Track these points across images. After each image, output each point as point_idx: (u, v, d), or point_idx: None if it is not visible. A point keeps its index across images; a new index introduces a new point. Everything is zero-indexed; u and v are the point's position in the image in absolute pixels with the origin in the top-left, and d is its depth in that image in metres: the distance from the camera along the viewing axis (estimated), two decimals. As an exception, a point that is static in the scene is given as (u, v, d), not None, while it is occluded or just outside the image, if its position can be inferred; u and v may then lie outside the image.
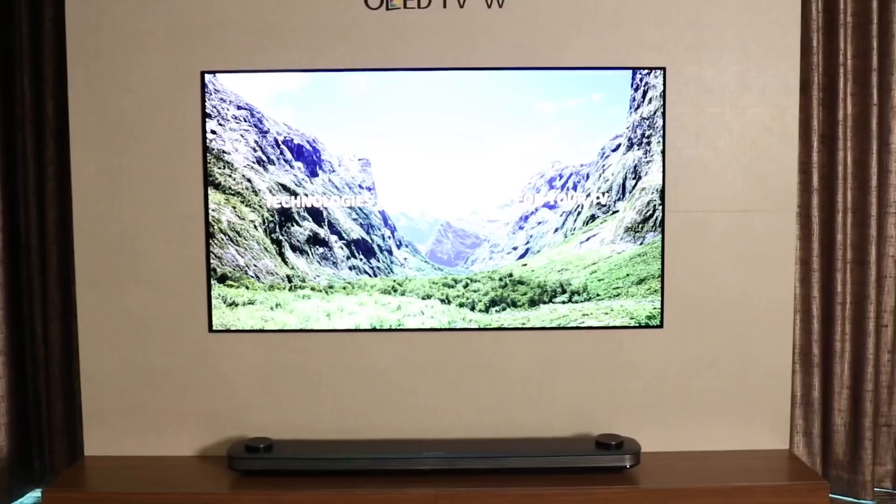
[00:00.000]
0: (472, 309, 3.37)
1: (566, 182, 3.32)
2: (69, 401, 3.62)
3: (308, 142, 3.30)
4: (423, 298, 3.37)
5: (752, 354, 3.39)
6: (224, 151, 3.29)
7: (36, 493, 3.64)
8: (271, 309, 3.33)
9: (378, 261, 3.38)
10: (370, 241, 3.37)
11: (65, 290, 3.58)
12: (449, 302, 3.37)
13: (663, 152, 3.29)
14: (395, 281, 3.38)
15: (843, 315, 3.56)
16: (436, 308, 3.37)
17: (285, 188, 3.33)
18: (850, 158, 3.53)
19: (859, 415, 3.55)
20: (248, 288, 3.33)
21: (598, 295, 3.35)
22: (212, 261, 3.31)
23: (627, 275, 3.34)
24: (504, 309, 3.36)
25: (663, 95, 3.27)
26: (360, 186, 3.33)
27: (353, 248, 3.37)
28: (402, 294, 3.37)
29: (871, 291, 3.52)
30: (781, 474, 3.24)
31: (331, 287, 3.36)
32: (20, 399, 3.63)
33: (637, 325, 3.34)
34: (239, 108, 3.28)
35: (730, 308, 3.37)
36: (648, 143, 3.30)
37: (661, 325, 3.35)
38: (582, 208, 3.35)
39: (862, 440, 3.54)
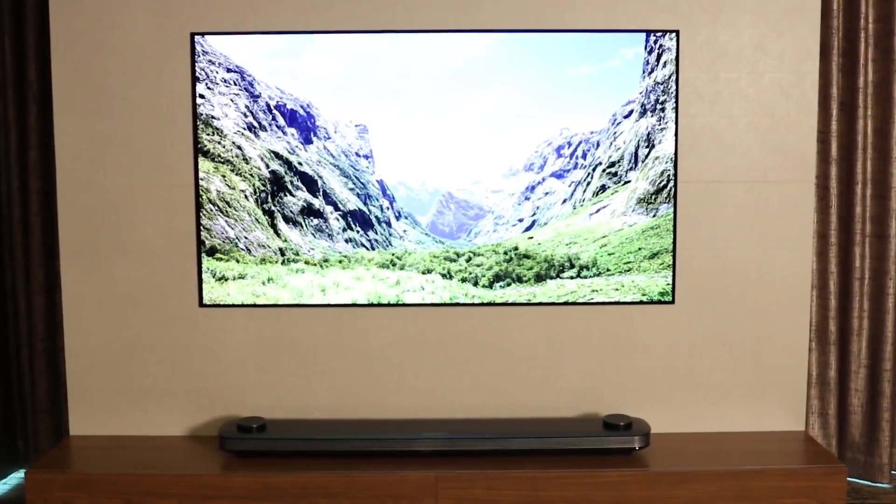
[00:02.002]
0: (476, 284, 3.27)
1: (575, 150, 3.22)
2: (54, 379, 3.61)
3: (302, 107, 3.18)
4: (424, 273, 3.28)
5: (767, 332, 3.32)
6: (213, 117, 3.17)
7: (20, 474, 3.62)
8: (263, 283, 3.24)
9: (376, 233, 3.28)
10: (367, 213, 3.27)
11: (48, 263, 3.55)
12: (451, 277, 3.26)
13: (676, 120, 3.18)
14: (393, 254, 3.27)
15: (862, 291, 3.51)
16: (437, 283, 3.27)
17: (278, 156, 3.21)
18: (871, 127, 3.48)
19: (877, 395, 3.51)
20: (238, 261, 3.23)
21: (608, 270, 3.25)
22: (200, 232, 3.20)
23: (639, 249, 3.23)
24: (509, 284, 3.26)
25: (676, 60, 3.15)
26: (358, 154, 3.22)
27: (350, 219, 3.27)
28: (402, 268, 3.27)
29: (890, 267, 3.47)
30: (797, 457, 3.19)
31: (326, 261, 3.25)
32: (3, 377, 3.61)
33: (648, 300, 3.23)
34: (229, 70, 3.16)
35: (744, 283, 3.30)
36: (663, 110, 3.18)
37: (672, 302, 3.26)
38: (592, 178, 3.24)
39: (879, 421, 3.49)
